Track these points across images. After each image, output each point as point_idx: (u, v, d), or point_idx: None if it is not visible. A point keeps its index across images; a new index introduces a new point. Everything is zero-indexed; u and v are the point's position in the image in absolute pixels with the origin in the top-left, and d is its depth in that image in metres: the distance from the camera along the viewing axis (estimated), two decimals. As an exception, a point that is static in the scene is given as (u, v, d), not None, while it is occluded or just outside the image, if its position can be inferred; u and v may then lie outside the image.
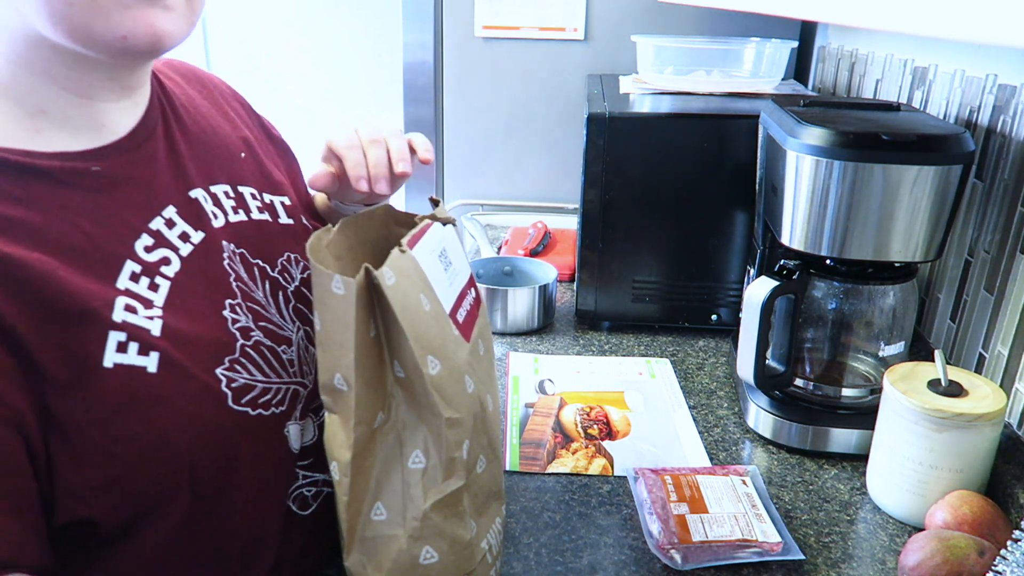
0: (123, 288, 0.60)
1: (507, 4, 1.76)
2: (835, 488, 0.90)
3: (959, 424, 0.79)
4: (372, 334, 0.60)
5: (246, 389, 0.64)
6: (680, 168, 1.19)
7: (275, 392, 0.67)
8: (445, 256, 0.69)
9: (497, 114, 1.86)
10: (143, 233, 0.63)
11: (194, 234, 0.66)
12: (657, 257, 1.24)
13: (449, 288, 0.67)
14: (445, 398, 0.61)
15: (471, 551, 0.66)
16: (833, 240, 0.89)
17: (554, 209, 1.87)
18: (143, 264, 0.62)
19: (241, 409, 0.63)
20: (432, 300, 0.64)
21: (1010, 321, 0.91)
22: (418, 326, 0.61)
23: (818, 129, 0.86)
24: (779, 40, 1.45)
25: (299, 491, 0.70)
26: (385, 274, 0.59)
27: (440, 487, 0.62)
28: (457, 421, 0.62)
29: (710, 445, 0.98)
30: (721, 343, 1.26)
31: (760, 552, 0.77)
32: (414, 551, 0.62)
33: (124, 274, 0.60)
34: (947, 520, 0.77)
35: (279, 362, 0.68)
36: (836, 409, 0.97)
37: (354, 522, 0.62)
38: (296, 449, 0.69)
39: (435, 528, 0.63)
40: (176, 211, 0.66)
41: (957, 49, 1.07)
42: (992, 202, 0.97)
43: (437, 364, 0.61)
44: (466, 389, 0.65)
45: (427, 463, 0.62)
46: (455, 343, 0.65)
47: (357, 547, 0.63)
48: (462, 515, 0.64)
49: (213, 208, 0.70)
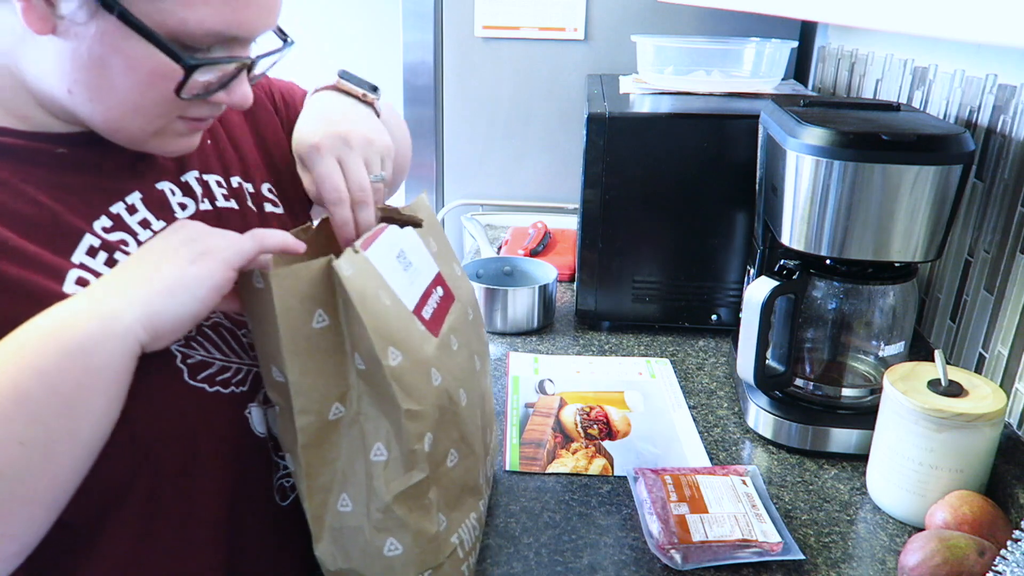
0: (78, 262, 0.61)
1: (507, 4, 1.76)
2: (835, 488, 0.90)
3: (959, 424, 0.79)
4: (319, 324, 0.61)
5: (203, 365, 0.64)
6: (680, 168, 1.19)
7: (235, 371, 0.67)
8: (404, 257, 0.70)
9: (497, 114, 1.86)
10: (102, 215, 0.64)
11: (155, 222, 0.67)
12: (657, 257, 1.24)
13: (410, 287, 0.69)
14: (405, 389, 0.62)
15: (437, 544, 0.66)
16: (833, 240, 0.89)
17: (554, 209, 1.87)
18: (102, 239, 0.63)
19: (198, 384, 0.64)
20: (390, 297, 0.65)
21: (1010, 321, 0.91)
22: (378, 318, 0.61)
23: (818, 129, 0.86)
24: (779, 40, 1.45)
25: (280, 482, 0.71)
26: (342, 265, 0.60)
27: (402, 479, 0.63)
28: (417, 413, 0.63)
29: (710, 445, 0.98)
30: (721, 343, 1.26)
31: (760, 552, 0.77)
32: (378, 543, 0.63)
33: (81, 248, 0.61)
34: (947, 520, 0.77)
35: (239, 344, 0.68)
36: (836, 409, 0.97)
37: (320, 512, 0.64)
38: (261, 432, 0.69)
39: (399, 521, 0.63)
40: (140, 198, 0.67)
41: (957, 49, 1.07)
42: (992, 202, 0.97)
43: (399, 356, 0.62)
44: (431, 382, 0.65)
45: (388, 455, 0.63)
46: (421, 337, 0.66)
47: (326, 537, 0.64)
48: (427, 508, 0.65)
49: (182, 199, 0.70)
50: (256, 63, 0.65)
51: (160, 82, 0.59)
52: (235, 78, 0.64)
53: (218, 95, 0.64)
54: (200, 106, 0.64)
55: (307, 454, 0.62)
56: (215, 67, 0.61)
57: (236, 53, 0.62)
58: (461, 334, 0.74)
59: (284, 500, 0.71)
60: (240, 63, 0.63)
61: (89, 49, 0.57)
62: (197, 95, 0.62)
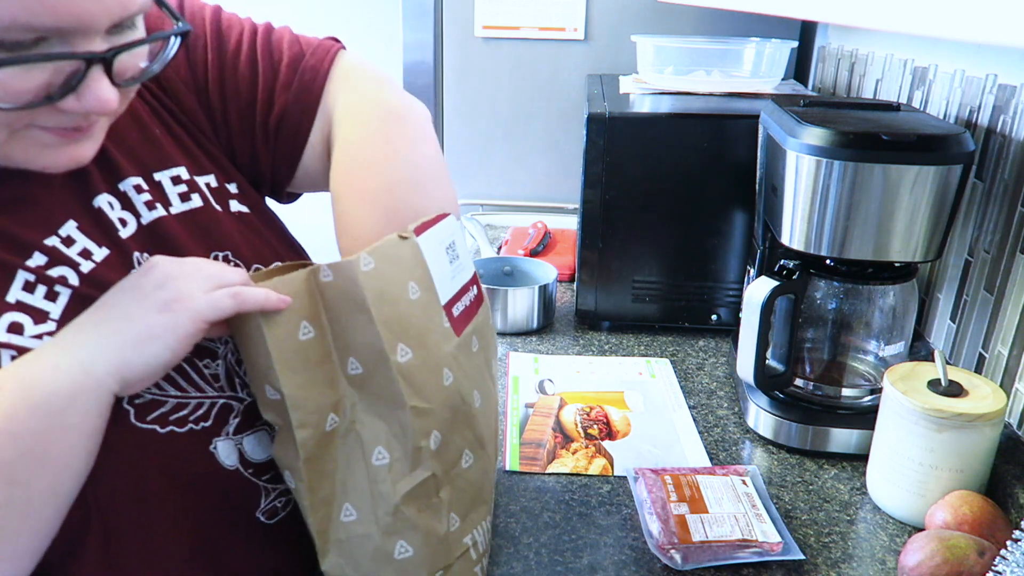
0: (14, 301, 0.56)
1: (507, 4, 1.76)
2: (835, 488, 0.90)
3: (959, 424, 0.79)
4: (305, 336, 0.60)
5: (154, 404, 0.60)
6: (680, 168, 1.19)
7: (194, 407, 0.63)
8: (453, 249, 0.69)
9: (497, 114, 1.86)
10: (35, 251, 0.58)
11: (97, 251, 0.61)
12: (657, 257, 1.24)
13: (451, 281, 0.67)
14: (414, 387, 0.61)
15: (447, 545, 0.65)
16: (833, 240, 0.89)
17: (554, 209, 1.87)
18: (38, 275, 0.58)
19: (147, 427, 0.59)
20: (426, 289, 0.64)
21: (1010, 321, 0.91)
22: (393, 313, 0.61)
23: (818, 129, 0.86)
24: (779, 40, 1.45)
25: (271, 504, 0.68)
26: (362, 259, 0.60)
27: (408, 478, 0.62)
28: (425, 411, 0.62)
29: (710, 445, 0.98)
30: (721, 343, 1.26)
31: (760, 552, 0.77)
32: (388, 547, 0.63)
33: (16, 285, 0.57)
34: (947, 520, 0.77)
35: (200, 376, 0.64)
36: (836, 409, 0.97)
37: (324, 526, 0.63)
38: (230, 465, 0.64)
39: (408, 521, 0.63)
40: (76, 226, 0.61)
41: (957, 49, 1.07)
42: (992, 202, 0.97)
43: (408, 352, 0.61)
44: (443, 381, 0.64)
45: (391, 457, 0.62)
46: (442, 335, 0.65)
47: (333, 550, 0.63)
48: (437, 508, 0.64)
49: (121, 214, 0.64)
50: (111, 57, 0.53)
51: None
52: (83, 79, 0.52)
53: (66, 102, 0.52)
54: (50, 113, 0.54)
55: (308, 468, 0.61)
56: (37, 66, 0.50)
57: (79, 47, 0.51)
58: (482, 337, 0.73)
59: (272, 518, 0.68)
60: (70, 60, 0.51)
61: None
62: (30, 104, 0.51)
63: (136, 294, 0.57)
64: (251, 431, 0.66)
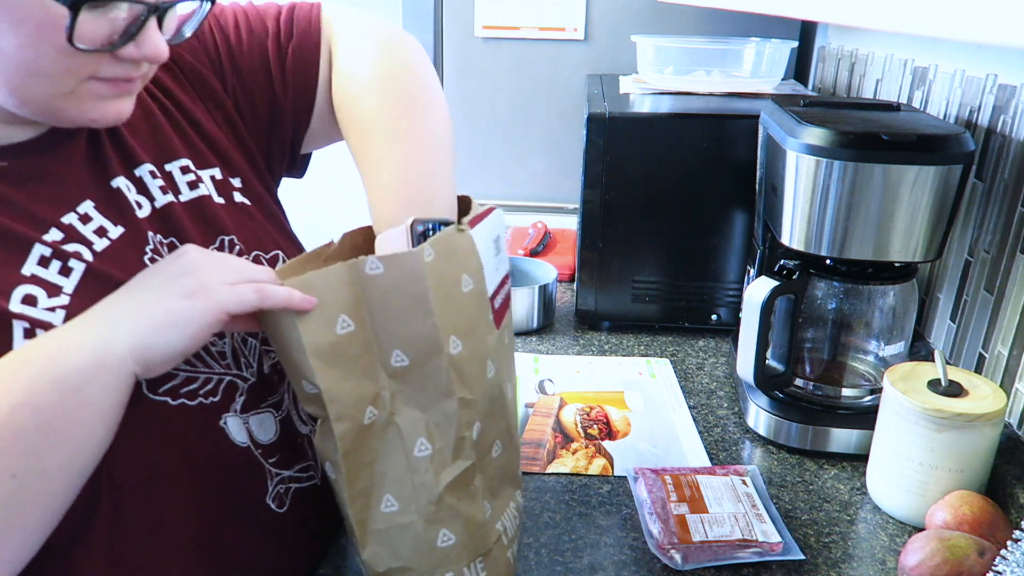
0: (29, 274, 0.58)
1: (507, 4, 1.76)
2: (835, 488, 0.90)
3: (959, 424, 0.79)
4: (344, 330, 0.59)
5: (166, 377, 0.62)
6: (680, 168, 1.19)
7: (203, 382, 0.65)
8: (498, 243, 0.69)
9: (497, 114, 1.86)
10: (52, 227, 0.61)
11: (113, 229, 0.64)
12: (657, 257, 1.24)
13: (495, 273, 0.68)
14: (463, 378, 0.62)
15: (485, 531, 0.67)
16: (833, 240, 0.89)
17: (554, 209, 1.87)
18: (54, 248, 0.60)
19: (159, 399, 0.61)
20: (478, 281, 0.64)
21: (1010, 321, 0.91)
22: (448, 305, 0.61)
23: (818, 129, 0.86)
24: (779, 40, 1.45)
25: (276, 489, 0.69)
26: (425, 251, 0.59)
27: (451, 468, 0.63)
28: (470, 402, 0.63)
29: (710, 445, 0.98)
30: (721, 343, 1.26)
31: (760, 552, 0.77)
32: (431, 535, 0.63)
33: (31, 259, 0.59)
34: (947, 520, 0.77)
35: (208, 353, 0.66)
36: (836, 409, 0.97)
37: (363, 516, 0.63)
38: (241, 442, 0.66)
39: (451, 510, 0.64)
40: (93, 205, 0.64)
41: (957, 49, 1.07)
42: (992, 202, 0.97)
43: (459, 344, 0.62)
44: (487, 373, 0.65)
45: (433, 448, 0.63)
46: (487, 327, 0.66)
47: (372, 540, 0.63)
48: (474, 495, 0.66)
49: (138, 197, 0.66)
50: (166, 9, 0.59)
51: (50, 33, 0.53)
52: (142, 27, 0.57)
53: (126, 49, 0.58)
54: (111, 63, 0.58)
55: (348, 461, 0.61)
56: (106, 10, 0.55)
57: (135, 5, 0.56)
58: (510, 331, 0.74)
59: (282, 507, 0.70)
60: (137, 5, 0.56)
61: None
62: (99, 48, 0.56)
63: (163, 279, 0.57)
64: (255, 411, 0.68)
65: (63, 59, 0.55)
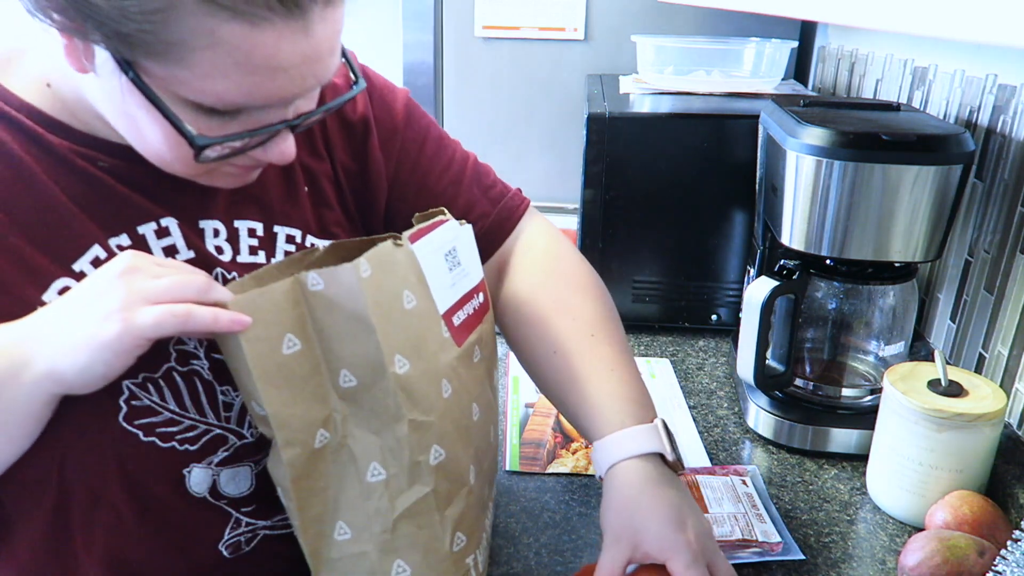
0: (79, 270, 0.59)
1: (507, 4, 1.76)
2: (835, 488, 0.90)
3: (959, 424, 0.79)
4: (290, 350, 0.57)
5: (147, 411, 0.60)
6: (680, 168, 1.19)
7: (186, 428, 0.62)
8: (454, 255, 0.66)
9: (497, 114, 1.86)
10: (123, 232, 0.61)
11: (184, 252, 0.64)
12: (657, 257, 1.24)
13: (451, 288, 0.65)
14: (412, 399, 0.59)
15: (448, 565, 0.63)
16: (833, 240, 0.89)
17: (554, 209, 1.87)
18: (110, 254, 0.60)
19: (131, 430, 0.60)
20: (422, 297, 0.62)
21: (1010, 321, 0.91)
22: (390, 322, 0.58)
23: (818, 129, 0.86)
24: (779, 40, 1.45)
25: (236, 538, 0.66)
26: (361, 265, 0.57)
27: (408, 493, 0.60)
28: (424, 424, 0.60)
29: (710, 445, 0.98)
30: (721, 343, 1.26)
31: (760, 552, 0.77)
32: (385, 566, 0.61)
33: (86, 257, 0.59)
34: (947, 520, 0.77)
35: (211, 402, 0.63)
36: (836, 409, 0.97)
37: (317, 545, 0.60)
38: (198, 493, 0.64)
39: (408, 539, 0.61)
40: (177, 224, 0.64)
41: (957, 49, 1.07)
42: (992, 202, 0.97)
43: (406, 363, 0.59)
44: (441, 393, 0.62)
45: (388, 473, 0.60)
46: (440, 345, 0.63)
47: (325, 569, 0.61)
48: (440, 525, 0.62)
49: (223, 243, 0.66)
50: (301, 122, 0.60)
51: (183, 145, 0.55)
52: (272, 138, 0.59)
53: (255, 152, 0.60)
54: (241, 158, 0.60)
55: (297, 488, 0.58)
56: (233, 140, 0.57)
57: (271, 117, 0.58)
58: (487, 347, 0.71)
59: (235, 553, 0.66)
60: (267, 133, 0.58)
61: (122, 98, 0.54)
62: (226, 157, 0.58)
63: (93, 293, 0.55)
64: (233, 465, 0.65)
65: (193, 160, 0.57)
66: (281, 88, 0.55)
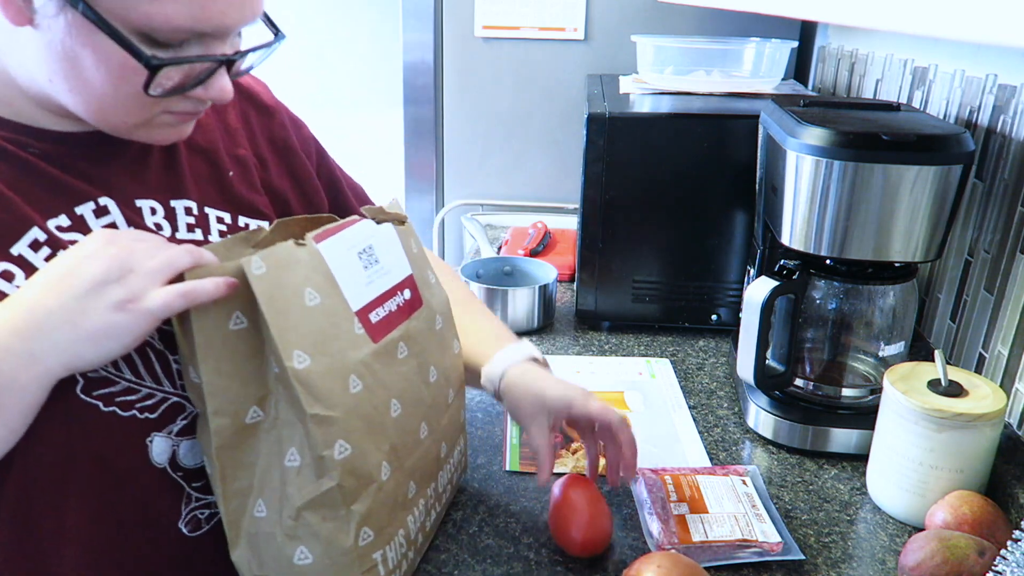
0: (16, 254, 0.60)
1: (507, 4, 1.76)
2: (835, 488, 0.90)
3: (959, 424, 0.79)
4: (236, 326, 0.61)
5: (105, 382, 0.62)
6: (680, 168, 1.19)
7: (144, 396, 0.64)
8: (370, 253, 0.68)
9: (497, 114, 1.86)
10: (63, 214, 0.63)
11: (125, 229, 0.65)
12: (657, 257, 1.24)
13: (366, 286, 0.67)
14: (313, 394, 0.60)
15: (352, 558, 0.64)
16: (833, 240, 0.89)
17: (554, 209, 1.87)
18: (49, 235, 0.61)
19: (90, 401, 0.61)
20: (329, 295, 0.64)
21: (1010, 321, 0.91)
22: (289, 319, 0.60)
23: (818, 129, 0.86)
24: (779, 40, 1.45)
25: (192, 513, 0.68)
26: (252, 263, 0.59)
27: (314, 485, 0.62)
28: (327, 419, 0.61)
29: (710, 445, 0.98)
30: (721, 343, 1.26)
31: (760, 552, 0.77)
32: (288, 551, 0.63)
33: (24, 241, 0.60)
34: (947, 520, 0.77)
35: (165, 370, 0.65)
36: (836, 409, 0.97)
37: (238, 516, 0.63)
38: (159, 463, 0.65)
39: (310, 528, 0.62)
40: (115, 204, 0.66)
41: (957, 49, 1.07)
42: (992, 202, 0.97)
43: (306, 359, 0.60)
44: (348, 388, 0.63)
45: (301, 461, 0.62)
46: (351, 341, 0.64)
47: (243, 542, 0.63)
48: (344, 519, 0.63)
49: (161, 221, 0.68)
50: (238, 59, 0.64)
51: (131, 76, 0.58)
52: (213, 74, 0.63)
53: (195, 91, 0.63)
54: (181, 101, 0.64)
55: (222, 457, 0.61)
56: (182, 66, 0.60)
57: (212, 49, 0.61)
58: (416, 343, 0.72)
59: (195, 531, 0.68)
60: (213, 61, 0.62)
61: (62, 42, 0.57)
62: (172, 91, 0.61)
63: (87, 285, 0.56)
64: (191, 436, 0.67)
65: (138, 99, 0.60)
66: (223, 13, 0.59)
